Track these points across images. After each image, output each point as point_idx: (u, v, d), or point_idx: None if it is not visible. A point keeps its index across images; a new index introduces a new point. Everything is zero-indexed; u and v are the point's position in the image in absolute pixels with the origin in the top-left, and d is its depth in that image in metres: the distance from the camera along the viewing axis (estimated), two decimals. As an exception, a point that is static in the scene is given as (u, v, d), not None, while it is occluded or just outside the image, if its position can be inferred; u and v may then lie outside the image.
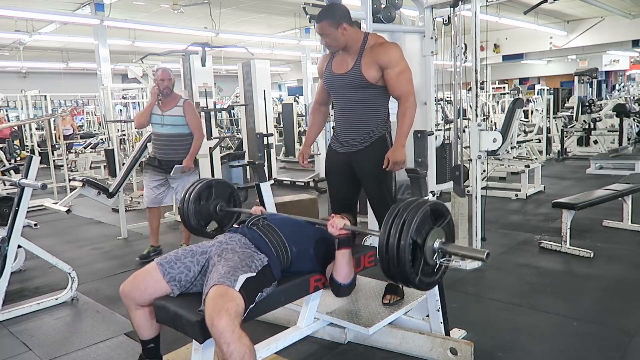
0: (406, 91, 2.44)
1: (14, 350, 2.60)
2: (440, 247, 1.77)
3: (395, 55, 2.44)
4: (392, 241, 1.70)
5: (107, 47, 10.35)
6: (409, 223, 1.70)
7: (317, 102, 2.80)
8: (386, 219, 1.76)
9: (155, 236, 4.10)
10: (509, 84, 17.49)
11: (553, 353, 2.34)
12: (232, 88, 14.66)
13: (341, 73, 2.51)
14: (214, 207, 2.61)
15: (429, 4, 3.60)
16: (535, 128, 9.63)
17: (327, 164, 2.71)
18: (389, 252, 1.71)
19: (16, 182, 2.98)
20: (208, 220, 2.63)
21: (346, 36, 2.43)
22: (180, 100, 3.91)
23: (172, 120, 3.86)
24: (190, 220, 2.53)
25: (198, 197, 2.54)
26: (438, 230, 1.78)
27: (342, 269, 2.02)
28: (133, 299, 1.92)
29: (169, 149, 3.90)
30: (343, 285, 2.04)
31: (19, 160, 8.80)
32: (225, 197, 2.67)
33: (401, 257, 1.69)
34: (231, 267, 1.80)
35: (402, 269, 1.70)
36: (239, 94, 8.58)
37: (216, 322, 1.59)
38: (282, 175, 7.86)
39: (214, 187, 2.62)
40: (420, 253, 1.74)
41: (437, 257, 1.78)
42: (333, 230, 2.03)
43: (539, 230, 4.45)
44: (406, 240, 1.68)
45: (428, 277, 1.81)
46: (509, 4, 10.55)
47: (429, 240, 1.75)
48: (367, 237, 3.68)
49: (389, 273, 1.76)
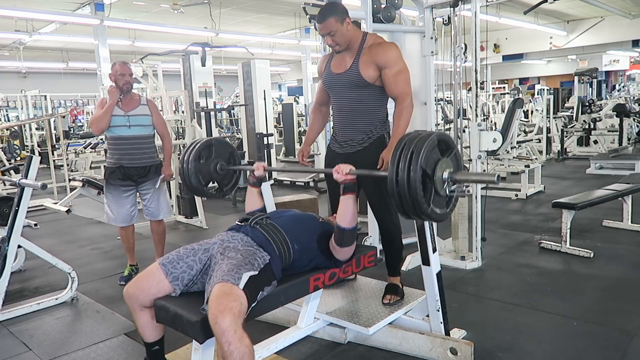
0: (403, 92, 2.42)
1: (14, 350, 2.60)
2: (450, 176, 1.78)
3: (394, 55, 2.42)
4: (401, 173, 1.70)
5: (107, 47, 10.37)
6: (417, 154, 1.70)
7: (318, 102, 2.80)
8: (394, 153, 1.77)
9: (133, 254, 3.66)
10: (509, 84, 17.50)
11: (553, 353, 2.34)
12: (232, 88, 14.68)
13: (339, 72, 2.51)
14: (214, 166, 2.60)
15: (429, 4, 3.61)
16: (535, 128, 9.63)
17: (326, 164, 2.72)
18: (400, 184, 1.71)
19: (16, 182, 2.98)
20: (208, 180, 2.62)
21: (350, 32, 2.43)
22: (142, 98, 3.53)
23: (138, 120, 3.42)
24: (190, 178, 2.51)
25: (198, 156, 2.53)
26: (446, 161, 1.80)
27: (347, 213, 2.08)
28: (137, 300, 1.92)
29: (137, 153, 3.43)
30: (347, 229, 2.08)
31: (19, 160, 8.79)
32: (225, 156, 2.66)
33: (412, 187, 1.69)
34: (235, 265, 1.81)
35: (414, 199, 1.70)
36: (239, 94, 8.59)
37: (220, 321, 1.59)
38: (282, 175, 7.86)
39: (214, 147, 2.61)
40: (431, 183, 1.75)
41: (447, 186, 1.79)
42: (338, 176, 2.08)
43: (539, 230, 4.45)
44: (416, 171, 1.68)
45: (440, 208, 1.82)
46: (509, 4, 10.56)
47: (438, 170, 1.76)
48: (367, 237, 3.69)
49: (401, 206, 1.77)
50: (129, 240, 3.60)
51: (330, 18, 2.37)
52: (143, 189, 3.51)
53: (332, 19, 2.37)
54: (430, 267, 2.23)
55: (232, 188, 2.74)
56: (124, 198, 3.47)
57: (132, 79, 3.45)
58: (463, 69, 3.64)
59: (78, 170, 9.69)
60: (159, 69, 6.40)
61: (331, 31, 2.39)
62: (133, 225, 3.60)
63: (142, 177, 3.47)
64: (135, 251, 3.68)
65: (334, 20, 2.37)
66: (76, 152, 9.74)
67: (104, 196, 3.56)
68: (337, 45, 2.45)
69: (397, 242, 2.64)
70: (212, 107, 6.69)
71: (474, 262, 3.53)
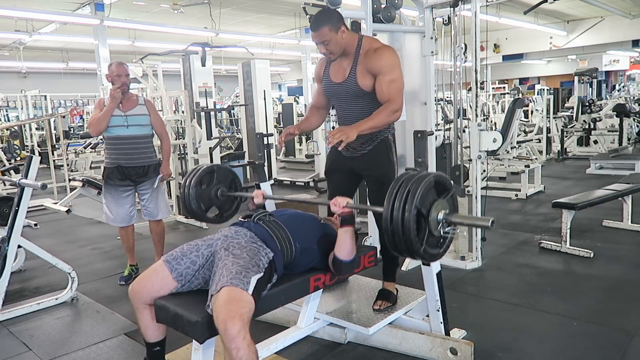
0: (394, 98, 2.32)
1: (14, 350, 2.60)
2: (445, 218, 1.78)
3: (388, 63, 2.33)
4: (396, 212, 1.70)
5: (107, 47, 10.35)
6: (412, 193, 1.70)
7: (315, 105, 2.73)
8: (390, 191, 1.76)
9: (132, 254, 3.65)
10: (509, 84, 17.50)
11: (553, 353, 2.34)
12: (232, 88, 14.66)
13: (339, 82, 2.45)
14: (215, 192, 2.61)
15: (429, 4, 3.61)
16: (535, 128, 9.63)
17: (328, 162, 2.70)
18: (394, 222, 1.71)
19: (16, 182, 2.98)
20: (209, 205, 2.63)
21: (345, 39, 2.36)
22: (140, 98, 3.54)
23: (137, 120, 3.42)
24: (191, 203, 2.53)
25: (199, 182, 2.55)
26: (442, 202, 1.79)
27: (344, 246, 2.05)
28: (141, 298, 1.92)
29: (135, 153, 3.43)
30: (345, 262, 2.06)
31: (19, 160, 8.79)
32: (226, 183, 2.67)
33: (406, 226, 1.68)
34: (242, 266, 1.80)
35: (407, 238, 1.70)
36: (239, 94, 8.58)
37: (230, 327, 1.59)
38: (282, 175, 7.86)
39: (215, 173, 2.63)
40: (425, 223, 1.74)
41: (442, 227, 1.78)
42: (336, 208, 2.05)
43: (539, 230, 4.45)
44: (410, 210, 1.68)
45: (433, 248, 1.81)
46: (509, 4, 10.55)
47: (433, 211, 1.76)
48: (367, 237, 3.69)
49: (394, 244, 1.76)
50: (128, 240, 3.60)
51: (324, 27, 2.28)
52: (142, 189, 3.50)
53: (326, 27, 2.28)
54: (430, 267, 2.23)
55: (232, 214, 2.75)
56: (122, 198, 3.46)
57: (129, 79, 3.44)
58: (463, 69, 3.64)
59: (78, 170, 9.69)
60: (159, 69, 6.38)
61: (325, 40, 2.31)
62: (133, 225, 3.59)
63: (140, 177, 3.46)
64: (135, 251, 3.68)
65: (328, 29, 2.29)
66: (76, 152, 9.74)
67: (103, 196, 3.56)
68: (331, 54, 2.39)
69: None
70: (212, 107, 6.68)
71: (474, 262, 3.53)
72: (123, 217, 3.48)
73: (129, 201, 3.50)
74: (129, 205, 3.49)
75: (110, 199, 3.46)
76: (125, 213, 3.48)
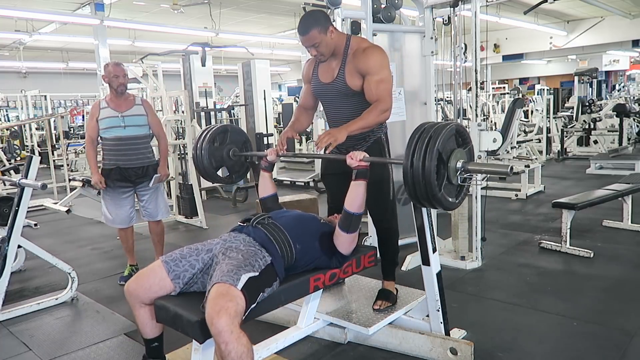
0: (383, 98, 2.30)
1: (14, 350, 2.60)
2: (463, 166, 1.83)
3: (376, 63, 2.30)
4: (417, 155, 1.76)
5: (107, 47, 10.35)
6: (435, 138, 1.75)
7: (303, 106, 2.69)
8: (411, 136, 1.81)
9: (132, 254, 3.65)
10: (509, 84, 17.50)
11: (553, 353, 2.34)
12: (232, 88, 14.65)
13: (328, 82, 2.44)
14: (227, 152, 2.64)
15: (429, 4, 3.61)
16: (535, 128, 9.63)
17: (322, 166, 2.70)
18: (414, 165, 1.76)
19: (16, 182, 2.98)
20: (220, 165, 2.66)
21: (335, 39, 2.33)
22: (137, 98, 3.51)
23: (134, 120, 3.40)
24: (203, 160, 2.56)
25: (213, 139, 2.58)
26: (461, 151, 1.84)
27: (356, 199, 2.13)
28: (137, 297, 1.92)
29: (133, 154, 3.41)
30: (355, 214, 2.14)
31: (19, 160, 8.79)
32: (239, 144, 2.70)
33: (427, 169, 1.74)
34: (235, 265, 1.81)
35: (427, 182, 1.75)
36: (239, 94, 8.58)
37: (215, 322, 1.59)
38: (282, 175, 7.85)
39: (229, 132, 2.65)
40: (444, 169, 1.80)
41: (460, 175, 1.84)
42: (352, 161, 2.11)
43: (539, 230, 4.45)
44: (432, 153, 1.74)
45: (450, 196, 1.87)
46: (509, 4, 10.55)
47: (452, 158, 1.81)
48: (367, 237, 3.69)
49: (413, 189, 1.80)
50: (128, 241, 3.59)
51: (313, 30, 2.25)
52: (141, 189, 3.49)
53: (315, 30, 2.25)
54: (430, 267, 2.23)
55: (241, 176, 2.82)
56: (122, 199, 3.45)
57: (127, 79, 3.42)
58: (463, 69, 3.64)
59: (78, 170, 9.69)
60: (159, 69, 6.38)
61: (315, 43, 2.28)
62: (132, 226, 3.57)
63: (140, 178, 3.45)
64: (135, 251, 3.67)
65: (317, 31, 2.25)
66: (76, 152, 9.74)
67: (102, 198, 3.55)
68: (322, 56, 2.36)
69: (393, 245, 2.62)
70: (212, 107, 6.69)
71: (474, 262, 3.53)
72: (122, 218, 3.47)
73: (129, 202, 3.49)
74: (128, 207, 3.48)
75: (110, 200, 3.45)
76: (125, 214, 3.47)
